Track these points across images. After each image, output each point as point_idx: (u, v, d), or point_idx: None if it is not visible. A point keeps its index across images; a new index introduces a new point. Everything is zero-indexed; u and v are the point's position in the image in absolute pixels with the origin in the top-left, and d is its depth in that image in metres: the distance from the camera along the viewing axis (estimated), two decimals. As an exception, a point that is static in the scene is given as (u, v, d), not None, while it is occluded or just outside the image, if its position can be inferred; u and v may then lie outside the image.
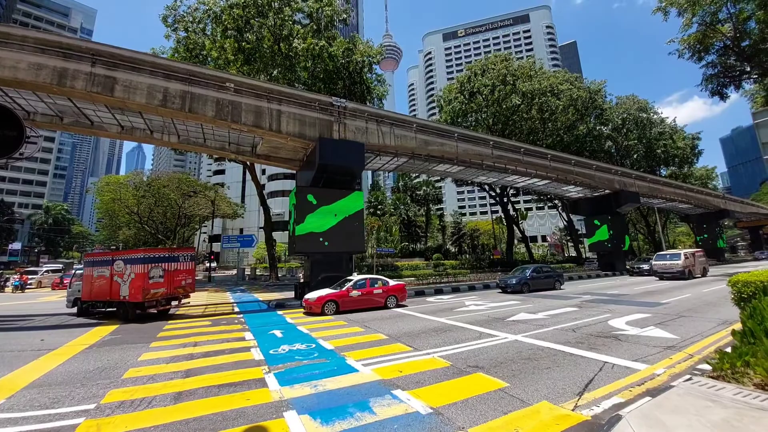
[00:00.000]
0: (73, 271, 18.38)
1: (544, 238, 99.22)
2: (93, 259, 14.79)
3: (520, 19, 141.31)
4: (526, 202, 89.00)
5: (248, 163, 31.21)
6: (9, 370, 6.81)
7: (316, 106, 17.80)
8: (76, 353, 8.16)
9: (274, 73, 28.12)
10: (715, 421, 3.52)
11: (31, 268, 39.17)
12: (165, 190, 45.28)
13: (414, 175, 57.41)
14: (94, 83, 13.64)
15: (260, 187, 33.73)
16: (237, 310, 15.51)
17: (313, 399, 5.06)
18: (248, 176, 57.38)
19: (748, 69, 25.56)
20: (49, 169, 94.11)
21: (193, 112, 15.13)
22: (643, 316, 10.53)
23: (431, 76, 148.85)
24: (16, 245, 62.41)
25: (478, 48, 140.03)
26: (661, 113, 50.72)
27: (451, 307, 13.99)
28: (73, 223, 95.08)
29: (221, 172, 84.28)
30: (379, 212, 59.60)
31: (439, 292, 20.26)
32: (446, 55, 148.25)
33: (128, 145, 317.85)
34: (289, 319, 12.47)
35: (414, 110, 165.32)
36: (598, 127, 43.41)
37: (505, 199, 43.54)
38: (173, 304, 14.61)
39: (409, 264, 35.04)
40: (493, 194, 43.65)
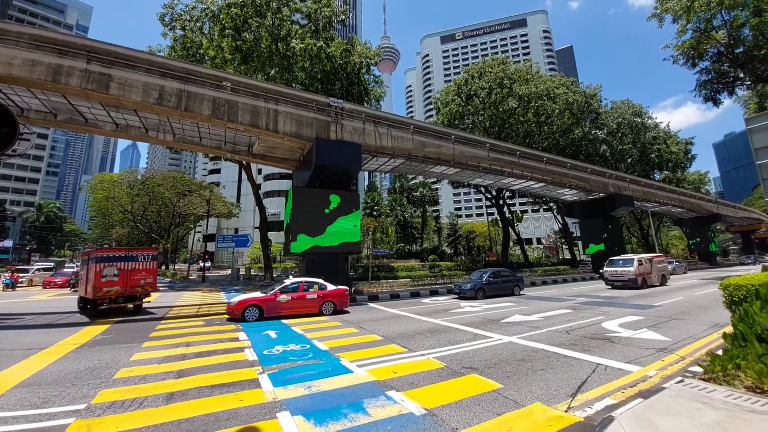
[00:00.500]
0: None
1: (539, 241, 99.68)
2: (83, 259, 15.42)
3: (517, 23, 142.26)
4: (521, 204, 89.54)
5: (244, 163, 31.07)
6: (-2, 370, 6.70)
7: (314, 107, 17.78)
8: (67, 353, 8.05)
9: (272, 72, 28.04)
10: (707, 423, 3.55)
11: (22, 266, 38.65)
12: (159, 188, 45.00)
13: (411, 177, 57.53)
14: (89, 80, 13.53)
15: (256, 187, 33.59)
16: (231, 310, 15.37)
17: (306, 400, 5.04)
18: (244, 176, 57.12)
19: (742, 75, 25.91)
20: (42, 167, 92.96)
21: (189, 111, 15.05)
22: (636, 319, 10.61)
23: (429, 79, 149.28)
24: (7, 243, 61.64)
25: (476, 51, 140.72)
26: (656, 118, 51.33)
27: (446, 309, 14.01)
28: (66, 221, 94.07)
29: (217, 171, 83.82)
30: (375, 213, 59.60)
31: (434, 293, 20.28)
32: (444, 57, 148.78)
33: (122, 143, 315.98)
34: (283, 320, 12.41)
35: (411, 112, 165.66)
36: (593, 131, 43.78)
37: (501, 202, 43.72)
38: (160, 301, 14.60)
39: (404, 265, 35.04)
40: (489, 196, 43.82)
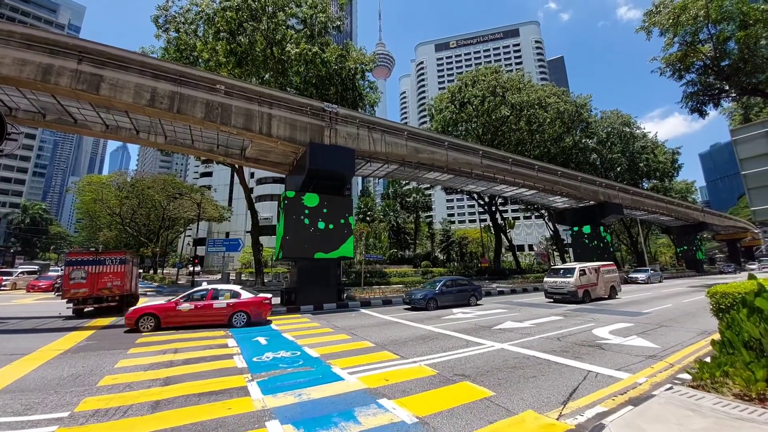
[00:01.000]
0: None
1: (531, 247, 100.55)
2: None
3: (510, 33, 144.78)
4: (513, 211, 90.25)
5: (237, 166, 30.85)
6: (-24, 377, 6.48)
7: (308, 111, 17.77)
8: (51, 359, 7.83)
9: (266, 76, 28.01)
10: (695, 430, 3.58)
11: (6, 269, 37.63)
12: (149, 191, 44.37)
13: (404, 183, 57.76)
14: (80, 81, 13.35)
15: (248, 191, 33.34)
16: (221, 315, 15.14)
17: (296, 408, 4.95)
18: (236, 179, 56.67)
19: (727, 88, 26.59)
20: (29, 167, 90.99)
21: (181, 113, 14.92)
22: (626, 326, 10.71)
23: (423, 86, 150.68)
24: (-10, 245, 60.02)
25: (469, 59, 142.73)
26: (644, 128, 52.46)
27: (438, 315, 13.98)
28: (51, 224, 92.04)
29: (208, 175, 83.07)
30: (368, 218, 59.55)
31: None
32: (438, 65, 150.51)
33: (112, 145, 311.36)
34: (274, 326, 12.25)
35: (405, 118, 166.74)
36: (583, 140, 44.56)
37: (494, 208, 44.08)
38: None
39: (397, 271, 35.00)
40: (482, 203, 44.15)
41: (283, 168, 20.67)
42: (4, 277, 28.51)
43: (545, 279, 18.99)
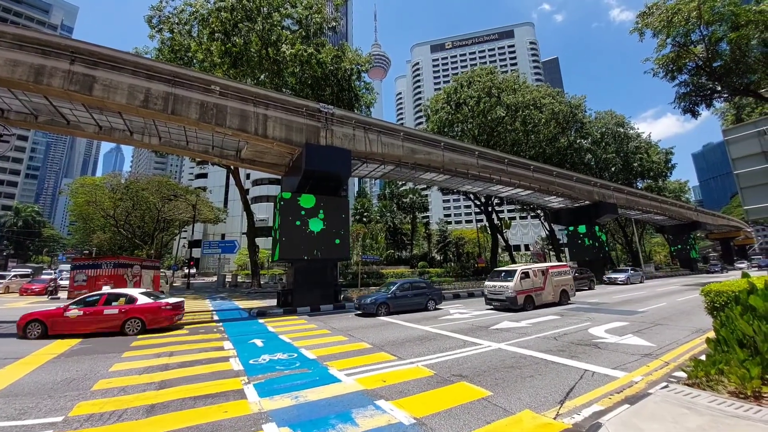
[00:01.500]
0: None
1: (527, 247, 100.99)
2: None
3: (505, 35, 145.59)
4: (510, 211, 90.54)
5: (232, 168, 30.73)
6: (-34, 382, 6.38)
7: (304, 112, 17.73)
8: (44, 363, 7.74)
9: (262, 77, 27.92)
10: (691, 428, 3.59)
11: (-2, 272, 37.14)
12: (144, 193, 44.00)
13: (400, 183, 57.79)
14: (72, 81, 13.22)
15: (244, 192, 33.21)
16: (216, 318, 15.07)
17: (293, 411, 4.92)
18: (232, 180, 56.46)
19: (719, 88, 26.87)
20: (21, 169, 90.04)
21: (176, 114, 14.82)
22: (622, 325, 10.78)
23: (419, 86, 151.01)
24: (-18, 248, 59.22)
25: (465, 60, 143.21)
26: (637, 128, 52.84)
27: (435, 316, 13.99)
28: (44, 226, 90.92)
29: (204, 176, 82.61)
30: (365, 219, 59.56)
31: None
32: (434, 66, 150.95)
33: (106, 146, 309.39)
34: (270, 328, 12.19)
35: (402, 119, 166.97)
36: (578, 141, 44.84)
37: (490, 209, 44.21)
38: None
39: (394, 272, 34.97)
40: (478, 203, 44.28)
41: (279, 169, 20.60)
42: (-3, 281, 28.13)
43: (485, 283, 16.37)
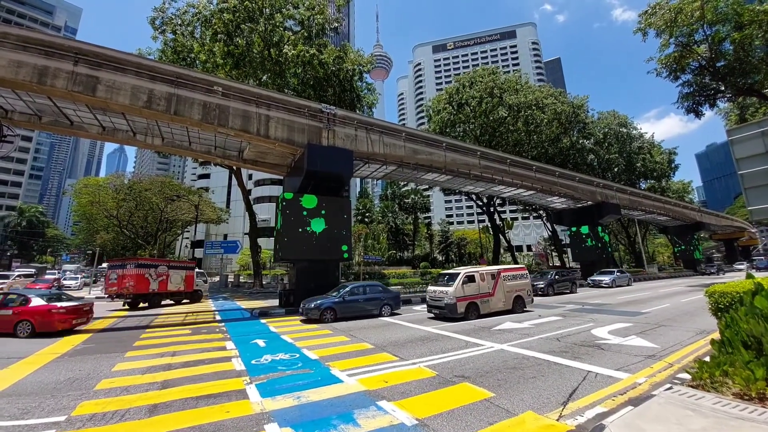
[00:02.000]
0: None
1: (529, 248, 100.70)
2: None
3: (507, 35, 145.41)
4: (512, 211, 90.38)
5: (234, 168, 30.79)
6: (-29, 381, 6.41)
7: (306, 113, 17.75)
8: (47, 362, 7.78)
9: (264, 78, 27.98)
10: (695, 430, 3.57)
11: (3, 272, 37.37)
12: (147, 193, 44.18)
13: (402, 184, 57.77)
14: (76, 82, 13.29)
15: (246, 193, 33.28)
16: (218, 318, 15.12)
17: (295, 411, 4.92)
18: (234, 181, 56.57)
19: (723, 88, 26.69)
20: (25, 169, 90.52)
21: (178, 115, 14.87)
22: (625, 326, 10.72)
23: (421, 87, 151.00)
24: (-14, 248, 59.59)
25: (467, 61, 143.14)
26: (640, 129, 52.67)
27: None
28: (48, 226, 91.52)
29: (206, 177, 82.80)
30: (366, 220, 59.55)
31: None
32: (435, 66, 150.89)
33: (109, 147, 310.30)
34: (272, 328, 12.20)
35: (403, 119, 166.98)
36: (580, 141, 44.69)
37: (492, 209, 44.14)
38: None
39: (396, 272, 34.92)
40: (480, 204, 44.21)
41: (281, 170, 20.64)
42: (1, 281, 28.28)
43: (428, 287, 14.70)
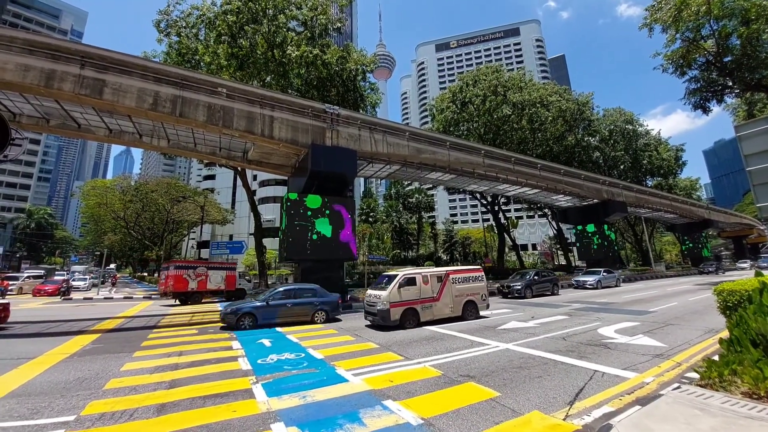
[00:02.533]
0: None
1: (534, 247, 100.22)
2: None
3: (510, 32, 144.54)
4: (516, 210, 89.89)
5: (239, 169, 30.94)
6: (-17, 381, 6.52)
7: (309, 113, 17.81)
8: (57, 362, 7.87)
9: (267, 79, 28.08)
10: (704, 429, 3.53)
11: (12, 273, 37.94)
12: (153, 195, 44.66)
13: (406, 183, 57.78)
14: (83, 86, 13.45)
15: (251, 193, 33.43)
16: (225, 317, 15.17)
17: (301, 410, 4.94)
18: (239, 182, 56.84)
19: (730, 84, 26.34)
20: (34, 172, 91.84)
21: (184, 117, 15.00)
22: (632, 325, 10.63)
23: (424, 86, 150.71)
24: (-3, 250, 60.37)
25: (470, 59, 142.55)
26: (646, 125, 52.15)
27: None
28: (57, 228, 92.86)
29: (211, 178, 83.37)
30: (371, 219, 59.64)
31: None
32: (439, 65, 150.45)
33: (116, 149, 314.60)
34: (278, 328, 12.26)
35: (407, 119, 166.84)
36: (586, 138, 44.37)
37: (497, 208, 43.96)
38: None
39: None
40: (485, 203, 44.05)
41: (286, 170, 20.73)
42: (11, 282, 28.73)
43: (367, 291, 13.29)
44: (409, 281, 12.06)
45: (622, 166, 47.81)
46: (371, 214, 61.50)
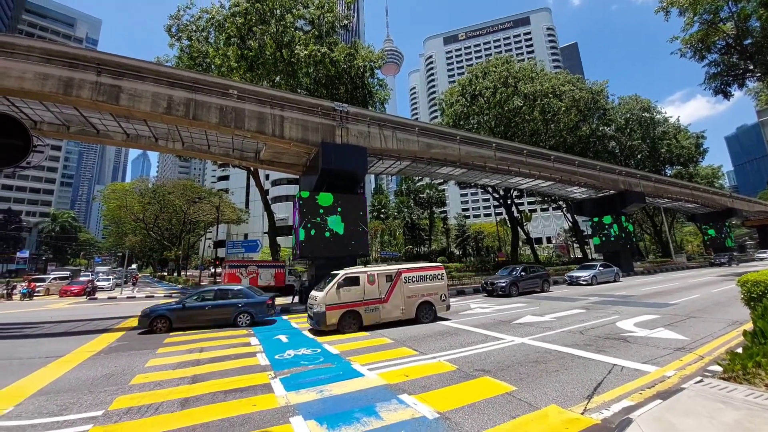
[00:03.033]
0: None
1: (549, 240, 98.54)
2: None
3: (520, 22, 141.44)
4: (530, 203, 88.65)
5: (252, 169, 31.37)
6: (17, 378, 6.85)
7: (319, 111, 17.90)
8: (84, 360, 8.19)
9: (277, 79, 28.31)
10: (727, 422, 3.46)
11: (39, 275, 39.52)
12: (170, 196, 45.75)
13: (417, 179, 57.51)
14: (100, 92, 13.82)
15: (264, 192, 33.89)
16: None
17: (319, 404, 5.05)
18: (252, 182, 57.63)
19: (752, 67, 25.29)
20: (56, 178, 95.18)
21: (197, 119, 15.27)
22: (652, 318, 10.41)
23: (433, 80, 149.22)
24: (24, 253, 62.99)
25: (479, 51, 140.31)
26: (665, 113, 50.50)
27: (456, 310, 13.89)
28: (80, 231, 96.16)
29: (225, 178, 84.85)
30: (382, 216, 59.71)
31: None
32: (447, 58, 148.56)
33: (133, 153, 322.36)
34: (294, 324, 12.47)
35: (416, 114, 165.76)
36: (601, 128, 43.24)
37: (509, 201, 43.39)
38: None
39: (413, 267, 34.89)
40: (497, 196, 43.52)
41: (297, 169, 20.92)
42: (38, 284, 29.92)
43: (312, 292, 11.60)
44: (351, 281, 10.98)
45: (639, 156, 46.46)
46: (383, 210, 61.56)
